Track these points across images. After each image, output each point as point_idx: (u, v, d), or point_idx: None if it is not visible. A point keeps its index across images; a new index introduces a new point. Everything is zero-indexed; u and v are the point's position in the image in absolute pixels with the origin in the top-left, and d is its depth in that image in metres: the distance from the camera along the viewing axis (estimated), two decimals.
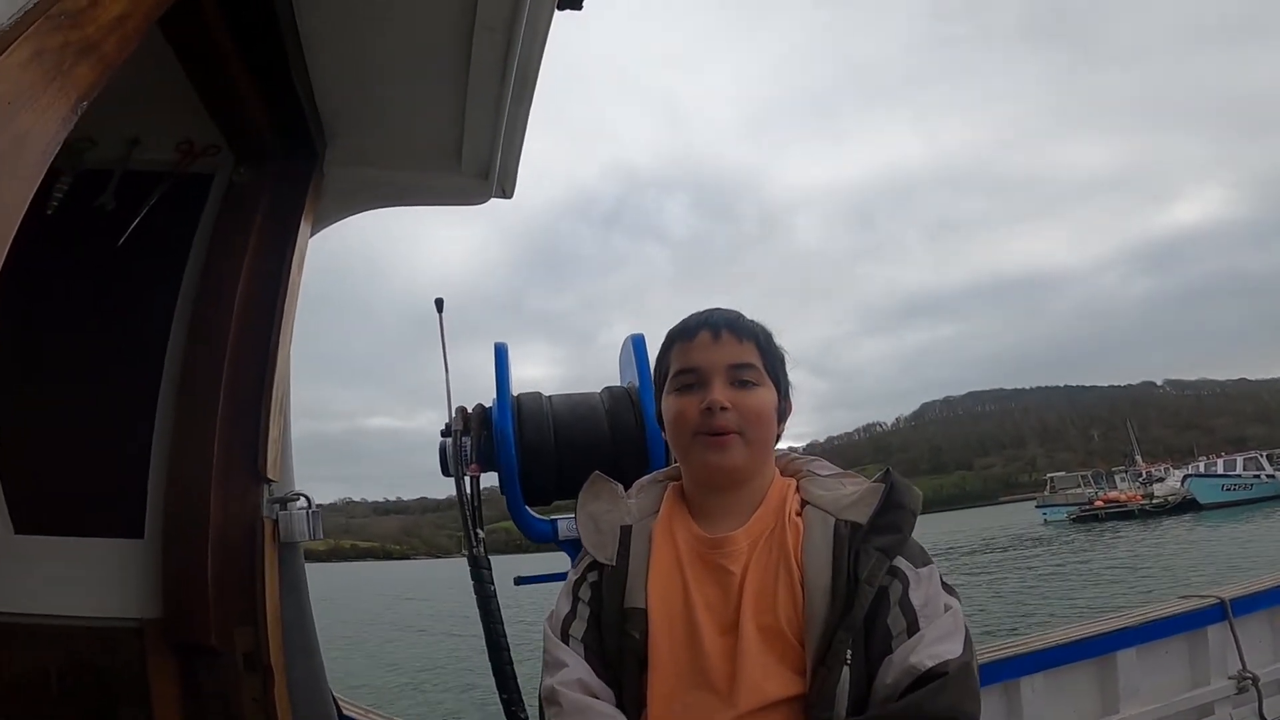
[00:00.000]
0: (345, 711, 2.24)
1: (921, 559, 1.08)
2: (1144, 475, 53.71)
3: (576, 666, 1.10)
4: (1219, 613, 3.17)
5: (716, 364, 1.14)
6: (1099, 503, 46.39)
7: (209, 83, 1.52)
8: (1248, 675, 3.10)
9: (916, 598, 1.04)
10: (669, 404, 1.19)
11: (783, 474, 1.23)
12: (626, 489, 1.29)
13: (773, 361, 1.19)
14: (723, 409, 1.11)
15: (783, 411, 1.21)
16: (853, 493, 1.13)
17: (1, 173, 0.66)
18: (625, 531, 1.18)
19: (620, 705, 1.08)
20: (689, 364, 1.16)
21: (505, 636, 1.94)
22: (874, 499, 1.09)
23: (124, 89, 1.58)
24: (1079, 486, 56.56)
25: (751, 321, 1.21)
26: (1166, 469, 56.13)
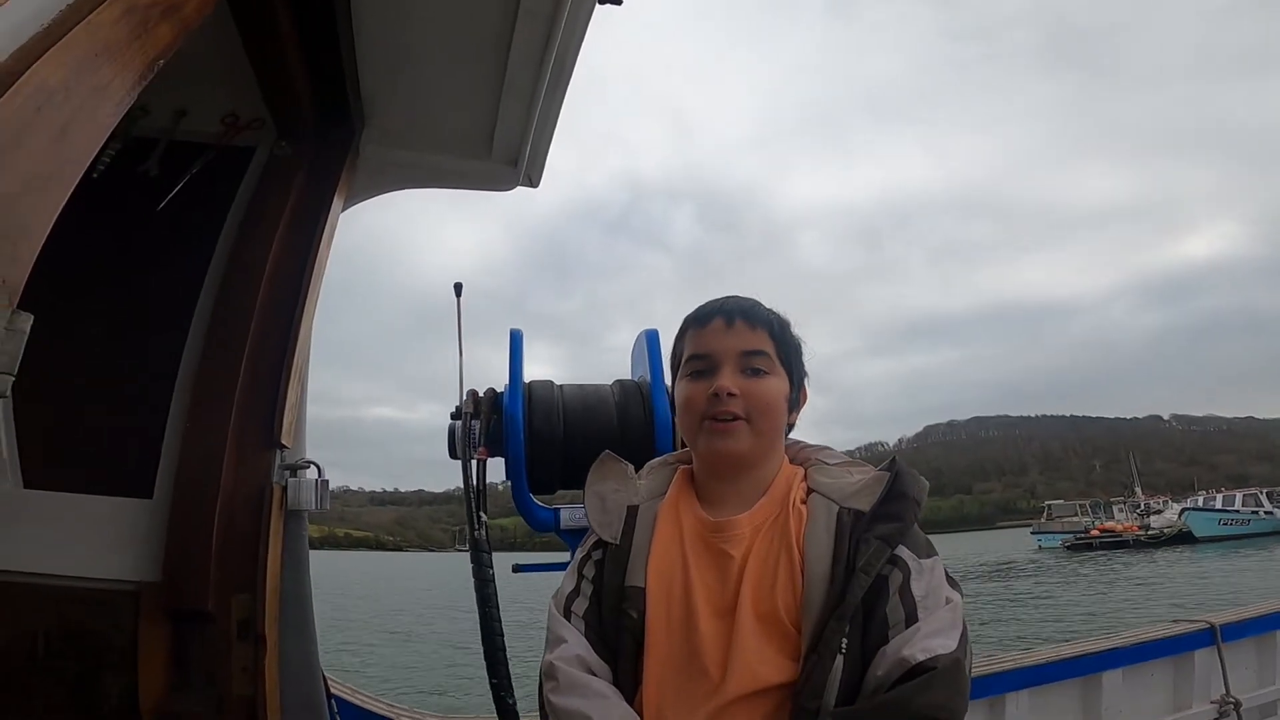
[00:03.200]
0: (333, 691, 2.25)
1: (926, 550, 1.07)
2: (1142, 506, 53.49)
3: (575, 643, 1.10)
4: (1208, 637, 3.19)
5: (728, 351, 1.14)
6: (1095, 532, 46.22)
7: (262, 53, 1.54)
8: (1230, 700, 3.13)
9: (918, 588, 1.02)
10: (680, 389, 1.19)
11: (792, 462, 1.22)
12: (637, 470, 1.30)
13: (787, 350, 1.19)
14: (730, 395, 1.12)
15: (794, 401, 1.20)
16: (858, 481, 1.12)
17: (80, 118, 0.69)
18: (631, 511, 1.18)
19: (617, 683, 1.08)
20: (701, 350, 1.17)
21: (500, 622, 1.95)
22: (878, 487, 1.09)
23: (177, 61, 1.62)
24: (1076, 515, 56.34)
25: (768, 310, 1.20)
26: (1165, 501, 55.91)
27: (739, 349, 1.15)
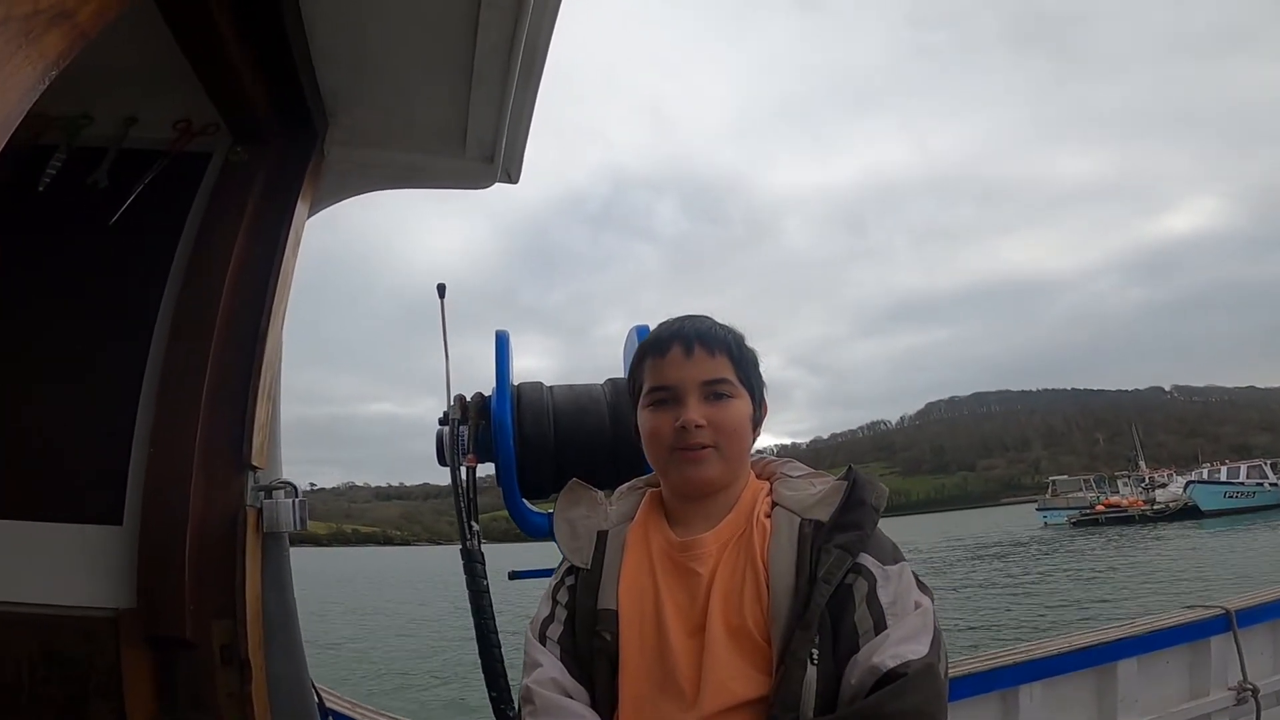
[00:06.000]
0: (328, 705, 2.22)
1: (891, 556, 1.08)
2: (1147, 481, 53.54)
3: (550, 666, 1.12)
4: (1224, 623, 3.13)
5: (690, 381, 1.14)
6: (1100, 507, 46.30)
7: (205, 59, 1.47)
8: (1248, 687, 3.07)
9: (885, 595, 1.03)
10: (644, 419, 1.19)
11: (758, 477, 1.24)
12: (618, 483, 1.33)
13: (746, 369, 1.18)
14: (698, 426, 1.12)
15: (758, 419, 1.21)
16: (818, 492, 1.14)
17: None
18: (601, 536, 1.20)
19: (594, 705, 1.09)
20: (662, 381, 1.16)
21: (496, 633, 1.91)
22: (836, 497, 1.10)
23: (123, 67, 1.55)
24: (1081, 490, 56.49)
25: (723, 329, 1.20)
26: (1170, 475, 55.97)
27: (701, 379, 1.15)
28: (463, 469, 1.96)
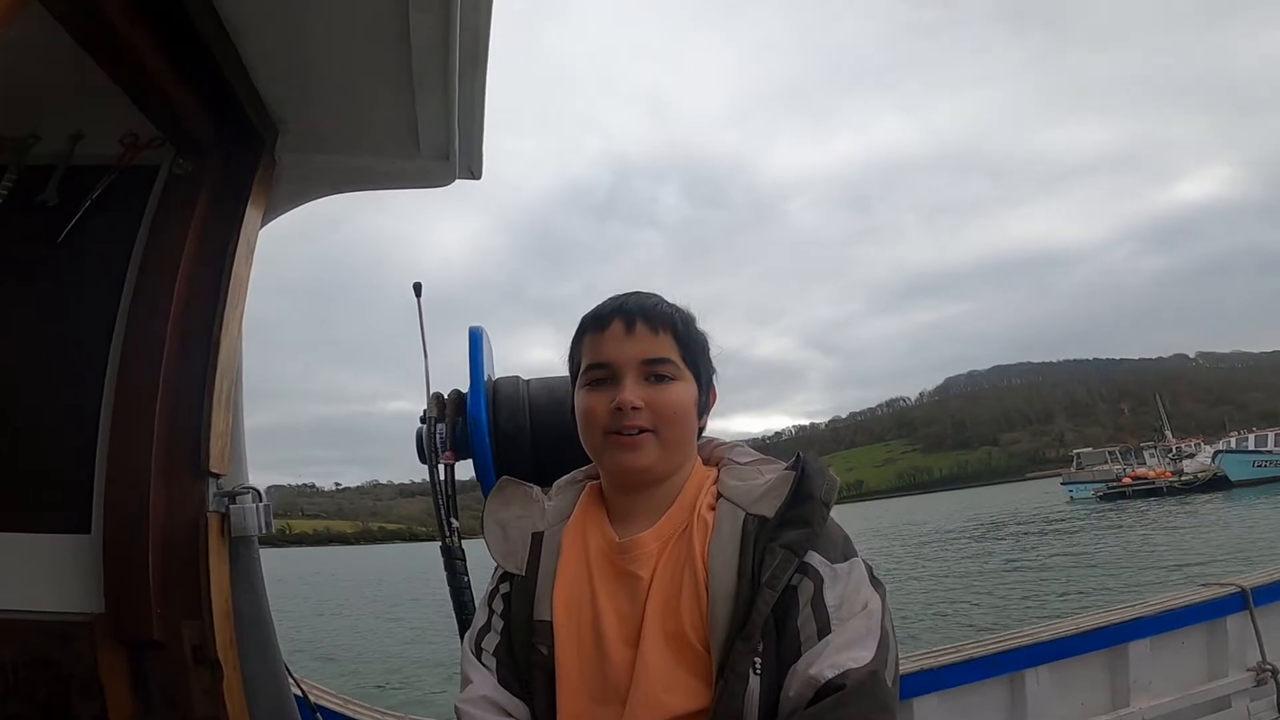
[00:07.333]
0: (315, 700, 2.24)
1: (842, 553, 1.00)
2: (1174, 451, 52.71)
3: (481, 683, 1.06)
4: (1239, 602, 3.04)
5: (629, 359, 1.07)
6: (1127, 480, 45.70)
7: (126, 77, 1.47)
8: (1267, 667, 2.98)
9: (831, 597, 0.96)
10: (580, 399, 1.11)
11: (706, 463, 1.16)
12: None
13: (692, 351, 1.11)
14: (634, 409, 1.04)
15: (704, 405, 1.14)
16: (765, 482, 1.05)
17: None
18: (536, 538, 1.12)
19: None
20: (600, 358, 1.09)
21: None
22: (784, 489, 1.02)
23: (69, 84, 1.56)
24: (1107, 463, 55.74)
25: (670, 307, 1.13)
26: (1197, 444, 55.13)
27: (641, 356, 1.07)
28: (441, 467, 1.96)
